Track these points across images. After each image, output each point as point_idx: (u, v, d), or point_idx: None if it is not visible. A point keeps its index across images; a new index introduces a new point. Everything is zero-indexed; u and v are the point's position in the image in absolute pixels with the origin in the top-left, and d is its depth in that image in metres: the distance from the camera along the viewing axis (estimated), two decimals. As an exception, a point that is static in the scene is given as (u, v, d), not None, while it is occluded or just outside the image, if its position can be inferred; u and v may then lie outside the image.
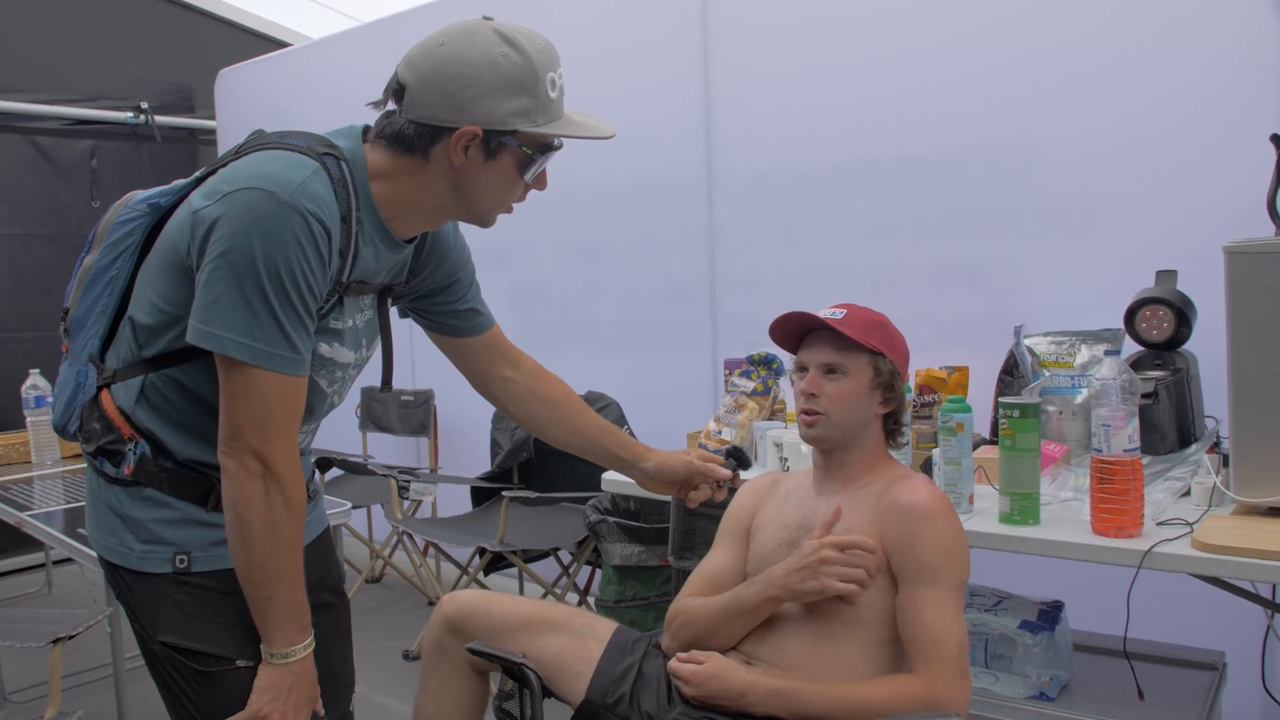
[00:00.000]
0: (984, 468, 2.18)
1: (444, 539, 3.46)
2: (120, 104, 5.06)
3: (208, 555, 1.35)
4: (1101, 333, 2.47)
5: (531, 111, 1.28)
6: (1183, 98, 2.45)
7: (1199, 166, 2.44)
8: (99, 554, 1.40)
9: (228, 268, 1.19)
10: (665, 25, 3.41)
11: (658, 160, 3.48)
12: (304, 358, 1.26)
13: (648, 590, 2.81)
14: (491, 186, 1.33)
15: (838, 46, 3.02)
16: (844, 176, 3.05)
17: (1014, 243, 2.74)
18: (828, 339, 1.75)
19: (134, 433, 1.33)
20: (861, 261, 3.01)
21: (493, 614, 1.76)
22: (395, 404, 4.35)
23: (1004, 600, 2.13)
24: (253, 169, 1.23)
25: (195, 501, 1.34)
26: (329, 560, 1.61)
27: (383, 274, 1.41)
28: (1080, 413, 2.30)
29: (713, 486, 1.73)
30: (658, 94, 3.42)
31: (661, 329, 3.55)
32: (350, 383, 1.47)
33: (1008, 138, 2.73)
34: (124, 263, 1.38)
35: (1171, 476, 2.08)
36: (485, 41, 1.26)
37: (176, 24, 5.27)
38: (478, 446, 3.98)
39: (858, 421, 1.75)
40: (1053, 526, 1.91)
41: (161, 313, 1.29)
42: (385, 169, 1.31)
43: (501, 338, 1.67)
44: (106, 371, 1.37)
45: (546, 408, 1.70)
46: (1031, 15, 2.65)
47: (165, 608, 1.34)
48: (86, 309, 1.39)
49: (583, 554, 3.34)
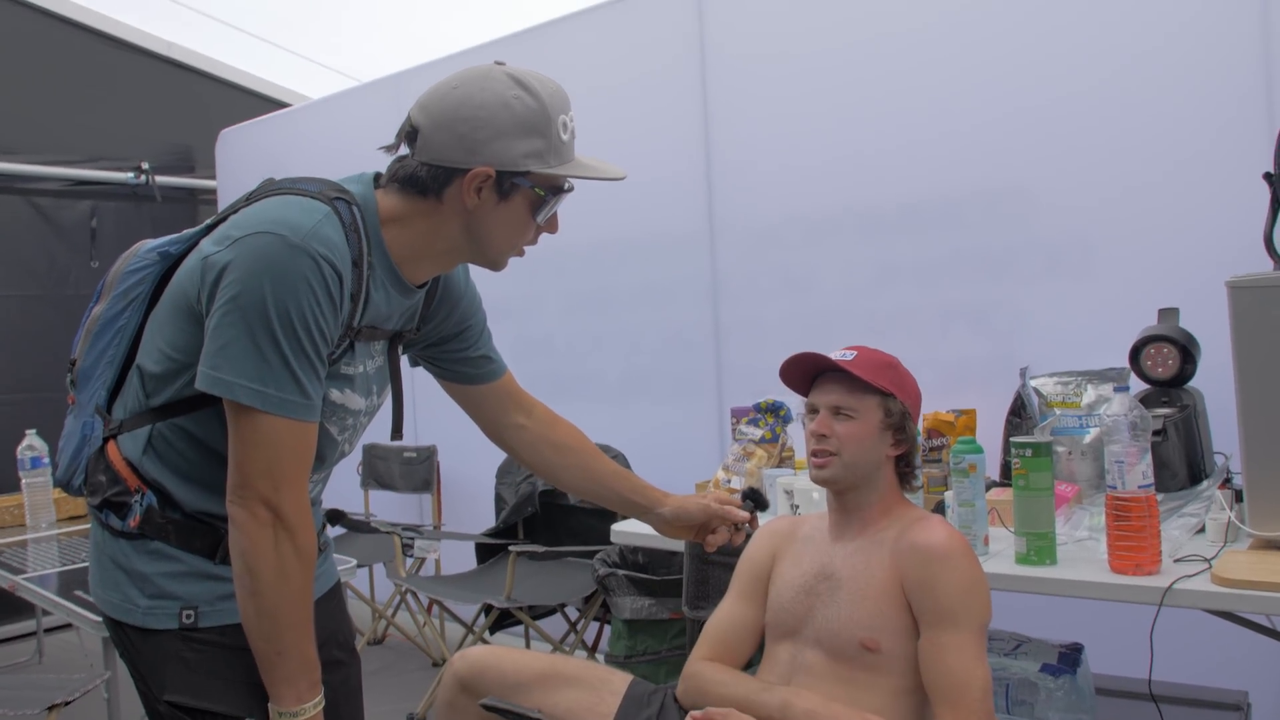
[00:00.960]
0: (997, 510, 2.16)
1: (449, 596, 3.41)
2: (120, 164, 5.09)
3: (215, 610, 1.32)
4: (1106, 372, 2.46)
5: (544, 153, 1.28)
6: (1177, 139, 2.48)
7: (1195, 206, 2.47)
8: (103, 611, 1.36)
9: (238, 312, 1.18)
10: (666, 80, 3.45)
11: (660, 212, 3.51)
12: (315, 403, 1.24)
13: (659, 644, 2.76)
14: (504, 228, 1.33)
15: (837, 96, 3.06)
16: (845, 224, 3.06)
17: (1016, 285, 2.75)
18: (839, 380, 1.75)
19: (141, 484, 1.31)
20: (865, 307, 3.01)
21: (505, 669, 1.73)
22: (397, 460, 4.32)
23: (1023, 644, 2.10)
24: (264, 214, 1.23)
25: (203, 554, 1.32)
26: (339, 616, 1.58)
27: (394, 319, 1.40)
28: (1089, 452, 2.29)
29: (730, 530, 1.70)
30: (659, 147, 3.46)
31: (666, 380, 3.55)
32: (361, 431, 1.45)
33: (1006, 183, 2.75)
34: (133, 312, 1.37)
35: (1185, 513, 2.06)
36: (498, 85, 1.27)
37: (177, 85, 5.33)
38: (481, 503, 3.95)
39: (869, 463, 1.74)
40: (1070, 566, 1.88)
41: (170, 360, 1.28)
42: (397, 213, 1.31)
43: (514, 385, 1.66)
44: (113, 423, 1.35)
45: (560, 454, 1.68)
46: (1027, 64, 2.69)
47: (171, 665, 1.30)
48: (94, 360, 1.38)
49: (591, 609, 3.29)
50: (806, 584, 1.74)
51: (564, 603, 3.31)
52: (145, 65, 5.23)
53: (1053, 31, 2.65)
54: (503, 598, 3.13)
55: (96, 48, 5.07)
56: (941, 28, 2.84)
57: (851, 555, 1.72)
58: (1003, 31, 2.74)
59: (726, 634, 1.80)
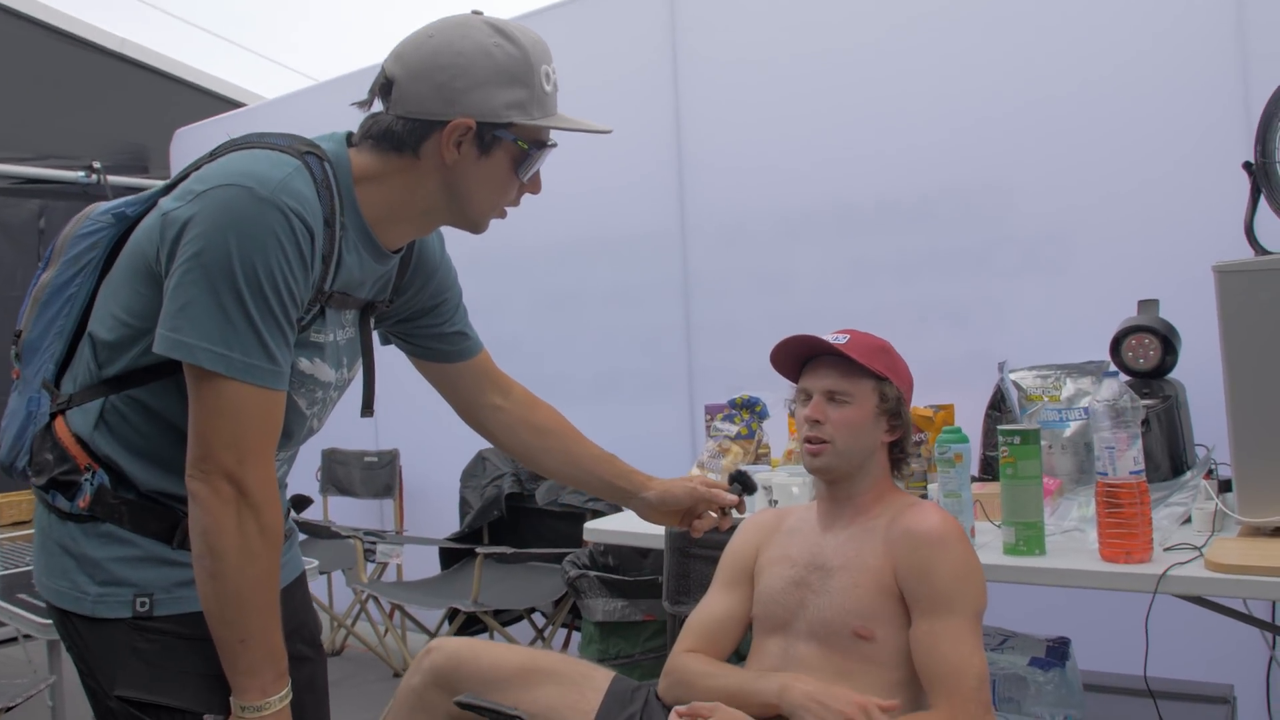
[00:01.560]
0: (980, 502, 2.11)
1: (412, 601, 3.31)
2: (71, 163, 4.94)
3: (172, 597, 1.22)
4: (1086, 365, 2.44)
5: (526, 104, 1.22)
6: (1152, 132, 2.48)
7: (1172, 199, 2.46)
8: (47, 600, 1.26)
9: (200, 270, 1.09)
10: (636, 77, 3.41)
11: (630, 211, 3.45)
12: (283, 370, 1.16)
13: (632, 647, 2.68)
14: (485, 185, 1.25)
15: (811, 97, 3.03)
16: (821, 221, 3.03)
17: (993, 281, 2.73)
18: (832, 364, 1.70)
19: (91, 461, 1.21)
20: (841, 304, 2.97)
21: (483, 663, 1.64)
22: (358, 465, 4.20)
23: (1009, 639, 2.05)
24: (230, 166, 1.15)
25: (159, 538, 1.22)
26: (305, 609, 1.48)
27: (366, 287, 1.32)
28: (1070, 446, 2.26)
29: (717, 513, 1.63)
30: (629, 144, 3.39)
31: (637, 380, 3.49)
32: (331, 406, 1.36)
33: (982, 179, 2.74)
34: (85, 279, 1.27)
35: (1171, 503, 2.03)
36: (477, 33, 1.20)
37: (131, 82, 5.19)
38: (444, 509, 3.85)
39: (863, 450, 1.68)
40: (1059, 556, 1.84)
41: (125, 326, 1.19)
42: (372, 171, 1.23)
43: (490, 364, 1.58)
44: (61, 397, 1.25)
45: (539, 436, 1.60)
46: (1001, 61, 2.69)
47: (123, 658, 1.20)
48: (41, 330, 1.28)
49: (559, 615, 3.21)
50: (797, 575, 1.68)
51: (532, 607, 3.23)
52: (98, 62, 5.09)
53: (1028, 30, 2.65)
54: (469, 601, 3.04)
55: (48, 43, 4.93)
56: (915, 31, 2.83)
57: (843, 544, 1.67)
58: (977, 33, 2.73)
59: (711, 626, 1.73)
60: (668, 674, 1.70)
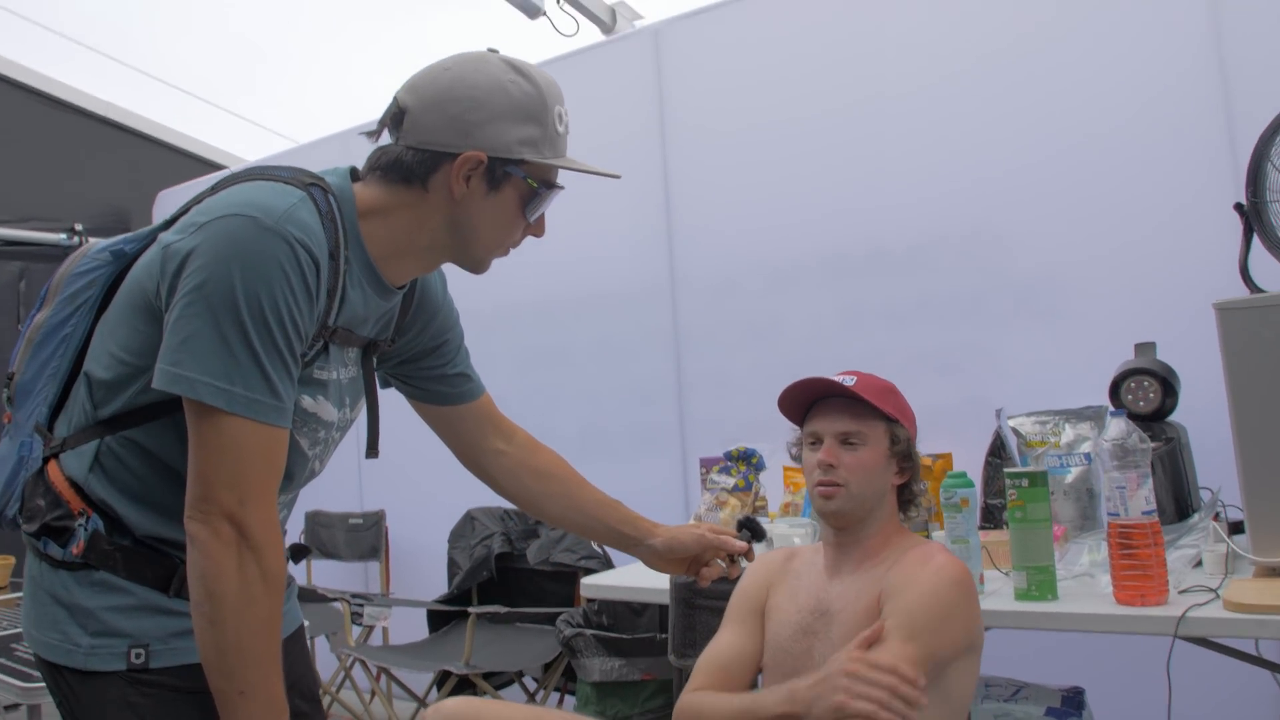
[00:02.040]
0: (987, 550, 2.08)
1: (402, 665, 3.21)
2: (53, 225, 4.91)
3: (169, 648, 1.16)
4: (1084, 410, 2.43)
5: (539, 142, 1.20)
6: (1143, 175, 2.51)
7: (1164, 241, 2.48)
8: (36, 654, 1.20)
9: (203, 302, 1.05)
10: (624, 131, 3.43)
11: (618, 266, 3.46)
12: (286, 406, 1.11)
13: (630, 708, 2.60)
14: (492, 222, 1.23)
15: (798, 140, 3.06)
16: (810, 270, 3.03)
17: (987, 327, 2.73)
18: (842, 406, 1.66)
19: (85, 506, 1.16)
20: (832, 353, 2.95)
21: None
22: (342, 528, 4.12)
23: (1021, 689, 2.00)
24: (232, 198, 1.12)
25: (155, 586, 1.17)
26: (303, 662, 1.42)
27: (370, 324, 1.28)
28: (1072, 491, 2.24)
29: (726, 561, 1.58)
30: (617, 199, 3.39)
31: (627, 434, 3.45)
32: (333, 448, 1.32)
33: (973, 225, 2.75)
34: (80, 318, 1.23)
35: (1181, 546, 2.01)
36: (493, 68, 1.19)
37: (113, 145, 5.20)
38: (431, 571, 3.77)
39: (876, 493, 1.65)
40: (1073, 601, 1.80)
41: (122, 364, 1.15)
42: (378, 204, 1.21)
43: (493, 407, 1.54)
44: (55, 440, 1.20)
45: (542, 482, 1.55)
46: (991, 112, 2.72)
47: (117, 713, 1.14)
48: (35, 372, 1.23)
49: (551, 678, 3.12)
50: (804, 622, 1.63)
51: (522, 670, 3.14)
52: (81, 125, 5.10)
53: (1018, 82, 2.68)
54: (461, 663, 2.95)
55: (30, 106, 4.93)
56: (902, 90, 2.87)
57: (847, 590, 1.62)
58: (967, 89, 2.76)
59: (723, 663, 1.66)
60: (678, 714, 1.63)
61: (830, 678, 1.41)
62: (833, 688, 1.40)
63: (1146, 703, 1.87)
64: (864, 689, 1.37)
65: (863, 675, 1.39)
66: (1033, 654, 2.24)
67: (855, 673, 1.39)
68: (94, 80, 5.09)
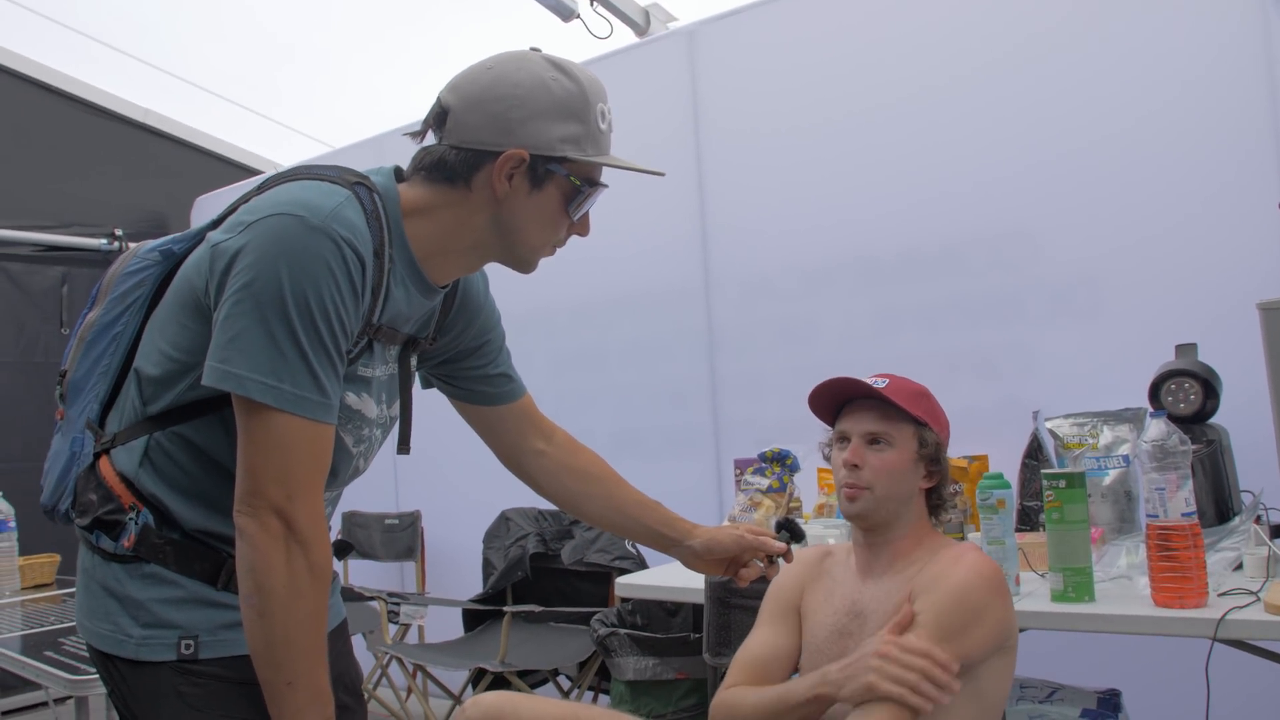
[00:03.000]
0: (1024, 551, 2.07)
1: (438, 663, 3.24)
2: (94, 230, 4.97)
3: (217, 640, 1.19)
4: (1123, 412, 2.41)
5: (581, 139, 1.21)
6: (1185, 172, 2.47)
7: (1205, 240, 2.45)
8: (89, 644, 1.23)
9: (251, 300, 1.08)
10: (657, 132, 3.43)
11: (653, 267, 3.46)
12: (332, 403, 1.14)
13: (664, 707, 2.61)
14: (535, 220, 1.24)
15: (832, 141, 3.05)
16: (844, 272, 3.03)
17: (1022, 328, 2.71)
18: (871, 408, 1.66)
19: (136, 500, 1.19)
20: (866, 356, 2.94)
21: (522, 717, 1.59)
22: (378, 529, 4.16)
23: (1057, 690, 1.99)
24: (280, 197, 1.14)
25: (204, 579, 1.20)
26: (346, 656, 1.44)
27: (412, 322, 1.31)
28: (1110, 494, 2.22)
29: (765, 562, 1.59)
30: (652, 200, 3.42)
31: (660, 435, 3.46)
32: (376, 447, 1.34)
33: (1009, 226, 2.73)
34: (131, 317, 1.26)
35: (1221, 549, 1.99)
36: (535, 66, 1.20)
37: (152, 151, 5.25)
38: (466, 570, 3.80)
39: (901, 495, 1.64)
40: (1110, 603, 1.79)
41: (172, 361, 1.17)
42: (422, 204, 1.23)
43: (533, 408, 1.55)
44: (105, 436, 1.23)
45: (582, 482, 1.56)
46: (1027, 106, 2.70)
47: (167, 702, 1.17)
48: (86, 370, 1.27)
49: (585, 677, 3.13)
50: (839, 623, 1.63)
51: (557, 668, 3.15)
52: (121, 131, 5.16)
53: (1055, 75, 2.66)
54: (496, 661, 2.97)
55: (72, 113, 5.00)
56: (939, 84, 2.85)
57: (877, 592, 1.62)
58: (1002, 83, 2.74)
59: (759, 660, 1.67)
60: (714, 710, 1.64)
61: (862, 659, 1.43)
62: (864, 668, 1.41)
63: (1185, 706, 1.86)
64: (896, 671, 1.39)
65: (894, 657, 1.40)
66: (1072, 656, 2.23)
67: (887, 654, 1.41)
68: (134, 87, 5.15)
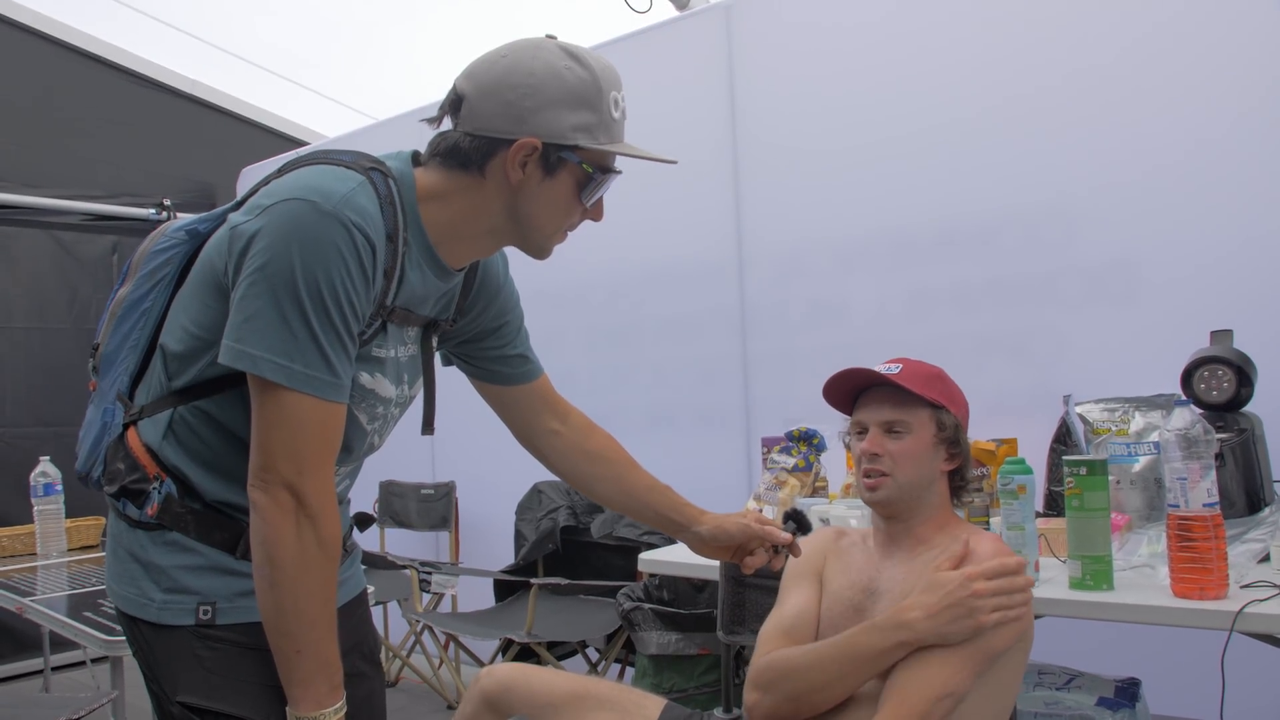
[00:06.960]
0: (1046, 537, 2.06)
1: (467, 632, 3.31)
2: (143, 200, 5.09)
3: (234, 607, 1.24)
4: (1155, 398, 2.38)
5: (594, 128, 1.22)
6: (1226, 156, 2.42)
7: (1244, 226, 2.40)
8: (116, 606, 1.29)
9: (265, 282, 1.11)
10: (694, 109, 3.43)
11: (686, 242, 3.46)
12: (343, 382, 1.17)
13: (687, 681, 2.65)
14: (548, 207, 1.26)
15: (867, 124, 3.03)
16: (878, 250, 3.01)
17: (1056, 311, 2.68)
18: (886, 395, 1.67)
19: (160, 471, 1.24)
20: (898, 336, 2.94)
21: (534, 688, 1.63)
22: (414, 498, 4.24)
23: (1075, 678, 1.99)
24: (295, 182, 1.17)
25: (222, 548, 1.24)
26: (365, 625, 1.49)
27: (430, 305, 1.33)
28: (1139, 481, 2.19)
29: (769, 552, 1.60)
30: (685, 175, 3.41)
31: (692, 412, 3.47)
32: (392, 424, 1.37)
33: (1044, 206, 2.69)
34: (159, 294, 1.30)
35: (1248, 539, 1.96)
36: (549, 55, 1.21)
37: (199, 122, 5.36)
38: (499, 542, 3.86)
39: (923, 480, 1.65)
40: (1129, 592, 1.79)
41: (194, 338, 1.22)
42: (437, 189, 1.25)
43: (550, 388, 1.58)
44: (134, 408, 1.28)
45: (594, 464, 1.58)
46: (1065, 84, 2.65)
47: (185, 664, 1.22)
48: (117, 344, 1.32)
49: (612, 650, 3.18)
50: (855, 599, 1.64)
51: (585, 640, 3.20)
52: (169, 103, 5.27)
53: (1096, 54, 2.61)
54: (524, 632, 3.02)
55: (121, 84, 5.11)
56: (975, 60, 2.81)
57: (895, 574, 1.63)
58: (1041, 58, 2.70)
59: (792, 624, 1.66)
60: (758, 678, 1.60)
61: (953, 606, 1.45)
62: (966, 611, 1.44)
63: (1204, 696, 1.84)
64: (997, 602, 1.45)
65: (990, 589, 1.45)
66: (1093, 644, 2.21)
67: (983, 591, 1.45)
68: (183, 60, 5.25)
